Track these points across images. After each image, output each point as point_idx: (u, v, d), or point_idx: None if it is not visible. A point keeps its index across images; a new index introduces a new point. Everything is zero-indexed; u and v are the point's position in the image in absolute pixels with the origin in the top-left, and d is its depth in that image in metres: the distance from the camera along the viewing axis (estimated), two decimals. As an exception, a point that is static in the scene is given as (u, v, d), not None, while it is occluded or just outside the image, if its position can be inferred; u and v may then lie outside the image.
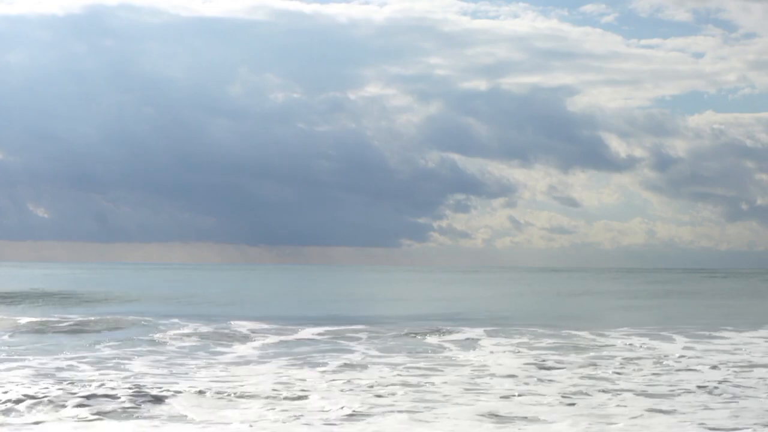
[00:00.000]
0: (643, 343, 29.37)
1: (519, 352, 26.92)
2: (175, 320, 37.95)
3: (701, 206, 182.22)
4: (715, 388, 19.74)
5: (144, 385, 19.00)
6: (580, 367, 23.32)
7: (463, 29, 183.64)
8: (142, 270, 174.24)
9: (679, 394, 18.91)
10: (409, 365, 23.53)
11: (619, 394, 18.79)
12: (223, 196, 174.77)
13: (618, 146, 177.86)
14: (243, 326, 34.86)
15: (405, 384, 20.00)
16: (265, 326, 35.19)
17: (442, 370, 22.51)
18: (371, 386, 19.54)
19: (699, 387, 19.85)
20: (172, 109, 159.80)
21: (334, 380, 20.48)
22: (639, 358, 25.27)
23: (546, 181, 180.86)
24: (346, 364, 23.68)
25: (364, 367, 23.23)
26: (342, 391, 18.91)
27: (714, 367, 23.28)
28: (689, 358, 25.51)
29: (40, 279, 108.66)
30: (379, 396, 18.28)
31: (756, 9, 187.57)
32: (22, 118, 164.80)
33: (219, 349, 27.72)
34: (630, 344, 29.16)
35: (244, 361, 24.52)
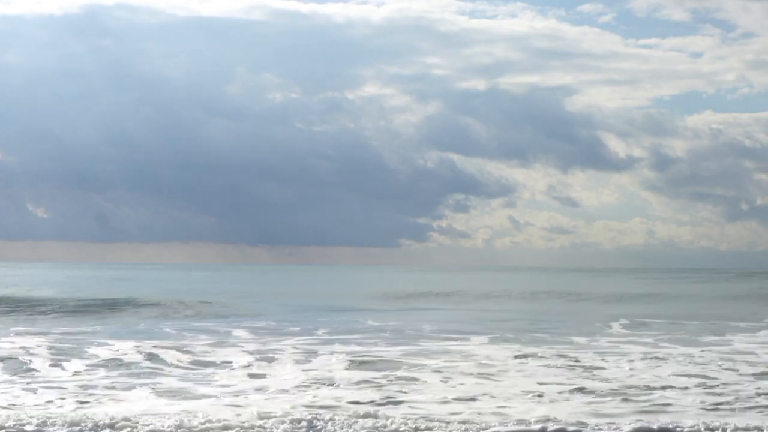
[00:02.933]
0: (640, 344, 28.70)
1: (506, 348, 26.31)
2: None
3: (701, 206, 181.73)
4: (710, 387, 19.19)
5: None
6: (561, 361, 22.68)
7: (460, 29, 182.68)
8: (156, 270, 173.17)
9: (665, 393, 18.33)
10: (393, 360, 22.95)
11: (594, 391, 18.18)
12: (222, 196, 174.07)
13: (617, 146, 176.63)
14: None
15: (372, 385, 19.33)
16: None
17: (425, 363, 21.87)
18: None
19: (687, 385, 19.28)
20: (170, 109, 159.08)
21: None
22: (630, 355, 24.61)
23: (545, 181, 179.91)
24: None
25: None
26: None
27: (710, 367, 22.58)
28: (687, 356, 24.82)
29: (98, 282, 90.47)
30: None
31: (755, 8, 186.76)
32: (20, 118, 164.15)
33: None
34: (625, 344, 28.53)
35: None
